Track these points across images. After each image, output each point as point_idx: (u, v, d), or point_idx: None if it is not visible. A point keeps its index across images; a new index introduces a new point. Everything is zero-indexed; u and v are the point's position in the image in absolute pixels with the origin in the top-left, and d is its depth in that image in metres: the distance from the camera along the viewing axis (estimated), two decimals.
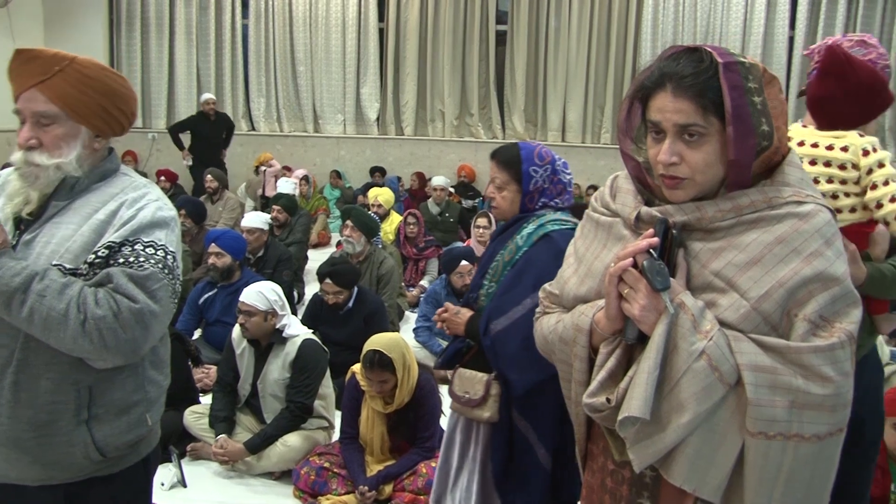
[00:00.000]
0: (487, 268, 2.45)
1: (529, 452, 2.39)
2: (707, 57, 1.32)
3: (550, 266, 2.16)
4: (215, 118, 9.13)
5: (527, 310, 2.25)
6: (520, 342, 2.25)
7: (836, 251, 1.34)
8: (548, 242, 2.35)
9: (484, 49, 10.42)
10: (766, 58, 9.64)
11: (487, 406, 2.37)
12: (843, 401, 1.30)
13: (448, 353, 2.54)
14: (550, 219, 2.41)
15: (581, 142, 10.35)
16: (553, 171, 2.47)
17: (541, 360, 2.21)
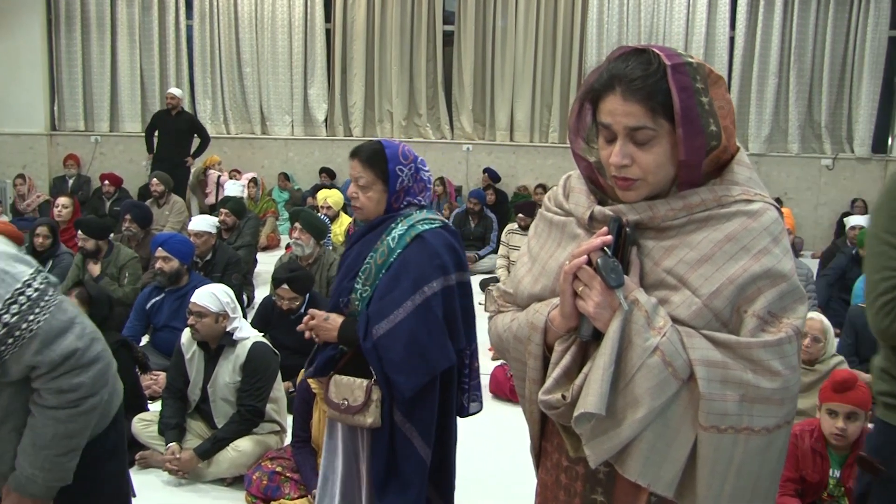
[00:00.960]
0: (356, 270, 2.42)
1: (412, 456, 2.39)
2: (655, 59, 1.34)
3: (426, 266, 2.27)
4: (177, 115, 8.94)
5: (408, 312, 2.27)
6: (404, 345, 2.26)
7: (783, 248, 1.37)
8: (421, 243, 2.35)
9: (431, 49, 10.43)
10: (708, 58, 9.82)
11: (370, 412, 2.34)
12: (790, 394, 1.34)
13: (320, 360, 2.48)
14: (419, 219, 2.41)
15: (529, 141, 10.43)
16: (416, 170, 2.47)
17: (425, 361, 2.28)
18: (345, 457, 2.53)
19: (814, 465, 3.09)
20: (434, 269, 2.34)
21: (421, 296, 2.30)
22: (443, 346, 2.35)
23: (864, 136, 9.81)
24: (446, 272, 2.37)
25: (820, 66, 9.83)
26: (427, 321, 2.31)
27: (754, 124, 10.00)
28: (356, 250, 2.47)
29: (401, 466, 2.41)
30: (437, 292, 2.33)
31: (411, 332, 2.28)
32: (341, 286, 2.48)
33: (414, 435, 2.39)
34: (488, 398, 4.70)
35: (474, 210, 8.45)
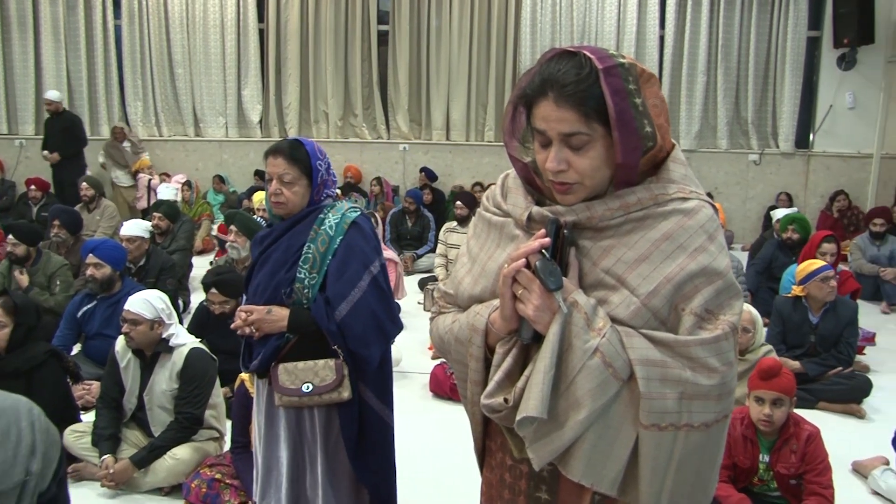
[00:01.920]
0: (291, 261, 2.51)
1: (376, 418, 2.62)
2: (587, 62, 1.32)
3: (366, 248, 2.51)
4: (58, 117, 8.86)
5: (363, 291, 2.47)
6: (365, 320, 2.47)
7: (718, 246, 1.38)
8: (358, 228, 2.55)
9: (366, 49, 10.39)
10: (639, 56, 9.99)
11: (344, 386, 2.49)
12: (728, 389, 1.35)
13: (265, 353, 2.55)
14: (346, 207, 2.60)
15: (465, 140, 10.47)
16: (328, 165, 2.65)
17: (383, 332, 2.52)
18: (290, 443, 2.61)
19: (745, 452, 3.20)
20: (373, 250, 2.56)
21: (369, 275, 2.50)
22: (393, 316, 2.58)
23: (788, 132, 10.12)
24: (379, 253, 2.60)
25: (745, 65, 10.10)
26: (378, 296, 2.51)
27: (685, 121, 10.22)
28: (284, 243, 2.56)
29: (369, 432, 2.60)
30: (380, 270, 2.55)
31: (369, 308, 2.48)
32: (277, 278, 2.54)
33: (375, 401, 2.61)
34: (428, 397, 4.73)
35: (410, 209, 8.46)
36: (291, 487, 2.61)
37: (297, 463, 2.61)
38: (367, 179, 10.25)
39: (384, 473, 2.71)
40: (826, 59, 10.04)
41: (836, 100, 10.03)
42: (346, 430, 2.55)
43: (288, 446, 2.60)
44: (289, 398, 2.50)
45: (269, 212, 2.63)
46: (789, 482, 3.14)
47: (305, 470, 2.62)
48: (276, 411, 2.61)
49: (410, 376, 5.05)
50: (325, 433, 2.59)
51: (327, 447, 2.59)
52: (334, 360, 2.49)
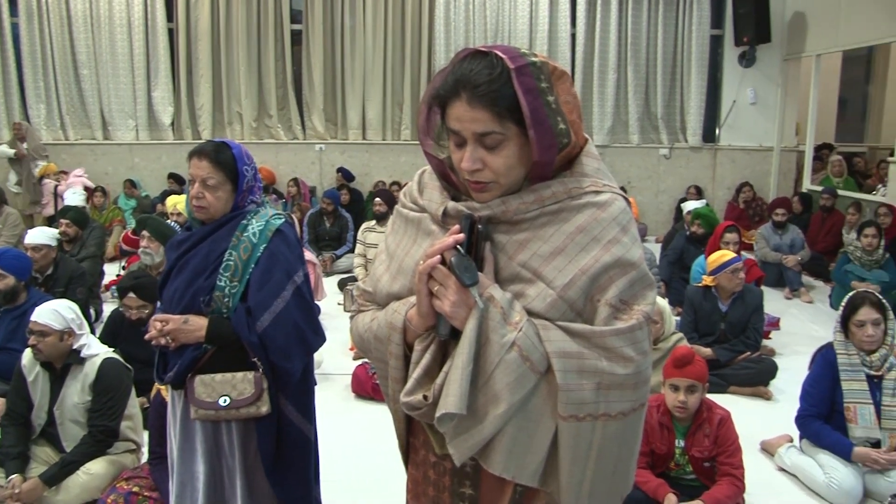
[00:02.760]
0: (210, 268, 2.42)
1: (295, 432, 2.55)
2: (499, 63, 1.32)
3: (290, 256, 2.44)
4: None
5: (286, 302, 2.39)
6: (287, 332, 2.39)
7: (631, 237, 1.40)
8: (281, 236, 2.47)
9: (280, 49, 10.25)
10: (551, 54, 10.17)
11: (263, 400, 2.40)
12: (643, 378, 1.38)
13: (182, 365, 2.44)
14: (271, 214, 2.51)
15: (382, 139, 10.44)
16: (255, 170, 2.56)
17: (305, 343, 2.45)
18: (206, 457, 2.51)
19: (661, 438, 3.29)
20: (296, 258, 2.49)
21: (293, 285, 2.43)
22: (317, 327, 2.52)
23: (696, 126, 10.45)
24: (303, 261, 2.53)
25: (654, 63, 10.39)
26: (302, 307, 2.44)
27: (598, 117, 10.43)
28: (204, 249, 2.44)
29: (288, 447, 2.53)
30: (304, 280, 2.48)
31: (292, 319, 2.40)
32: (195, 285, 2.42)
33: (295, 415, 2.54)
34: (350, 398, 4.71)
35: (328, 210, 8.39)
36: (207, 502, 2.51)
37: (214, 478, 2.51)
38: (283, 181, 10.12)
39: (304, 490, 2.61)
40: (728, 57, 10.41)
41: (738, 96, 10.42)
42: (264, 445, 2.46)
43: (205, 461, 2.50)
44: (205, 412, 2.40)
45: (190, 215, 2.52)
46: (703, 465, 3.25)
47: (224, 485, 2.53)
48: (192, 424, 2.49)
49: (332, 378, 5.02)
50: (243, 448, 2.50)
51: (246, 462, 2.50)
52: (253, 373, 2.38)
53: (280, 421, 2.49)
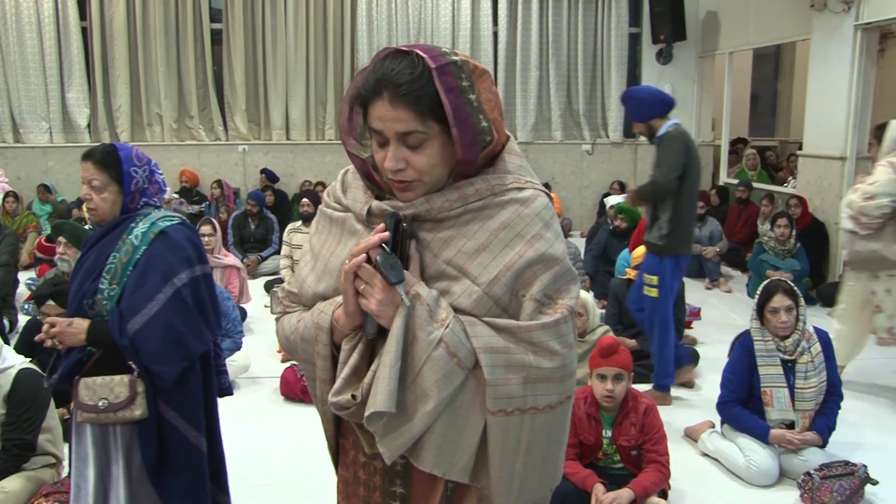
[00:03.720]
0: (98, 271, 2.44)
1: (181, 439, 2.51)
2: (420, 62, 1.32)
3: (171, 259, 2.41)
4: None
5: (161, 304, 2.37)
6: (160, 336, 2.36)
7: (554, 233, 1.42)
8: (164, 238, 2.46)
9: (199, 48, 10.03)
10: (474, 52, 10.24)
11: (137, 404, 2.39)
12: (569, 371, 1.40)
13: (65, 366, 2.47)
14: (160, 216, 2.51)
15: (306, 139, 10.34)
16: (150, 172, 2.57)
17: (183, 348, 2.40)
18: (96, 461, 2.51)
19: (589, 429, 3.36)
20: (180, 261, 2.45)
21: (171, 287, 2.40)
22: (198, 332, 2.47)
23: (616, 123, 10.67)
24: (191, 264, 2.49)
25: (575, 60, 10.56)
26: (180, 310, 2.41)
27: (521, 114, 10.56)
28: (95, 252, 2.48)
29: (173, 455, 2.49)
30: (186, 283, 2.44)
31: (166, 322, 2.37)
32: (83, 288, 2.45)
33: (179, 421, 2.49)
34: (279, 401, 4.66)
35: (253, 212, 8.28)
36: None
37: (102, 483, 2.51)
38: (206, 182, 9.93)
39: (194, 500, 2.57)
40: (646, 54, 10.66)
41: None
42: (145, 451, 2.45)
43: (94, 465, 2.50)
44: (87, 414, 2.40)
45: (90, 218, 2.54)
46: (630, 453, 3.33)
47: (109, 491, 2.51)
48: (82, 428, 2.50)
49: (260, 381, 4.96)
50: (127, 453, 2.49)
51: (130, 468, 2.50)
52: (129, 376, 2.40)
53: (163, 427, 2.47)
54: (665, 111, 4.72)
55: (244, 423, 4.36)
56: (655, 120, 4.68)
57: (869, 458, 3.64)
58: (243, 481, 3.56)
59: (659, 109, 4.71)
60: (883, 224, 4.46)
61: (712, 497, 3.52)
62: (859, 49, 7.22)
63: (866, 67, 7.27)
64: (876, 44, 7.55)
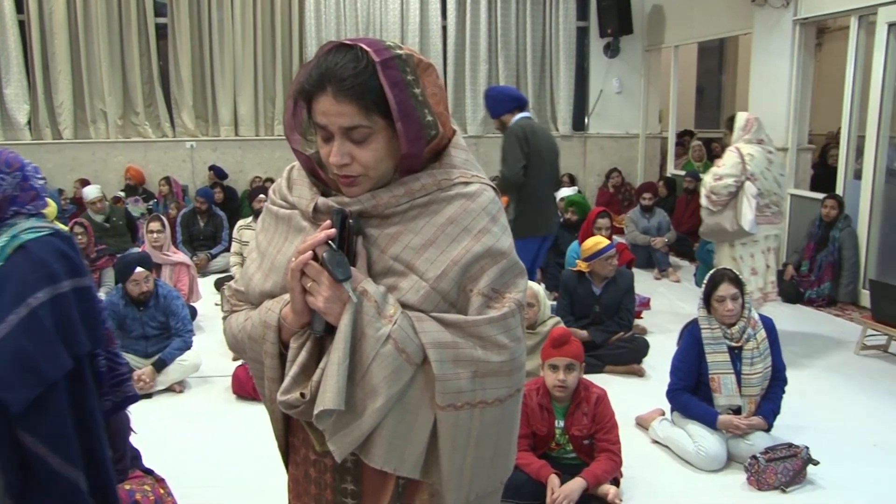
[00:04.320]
0: None
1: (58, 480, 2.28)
2: (364, 56, 1.31)
3: (29, 277, 2.17)
4: None
5: (12, 327, 2.15)
6: (10, 360, 2.15)
7: (501, 226, 1.42)
8: (24, 253, 2.23)
9: (144, 43, 9.83)
10: (423, 47, 10.22)
11: None
12: (518, 364, 1.40)
13: None
14: (24, 227, 2.28)
15: (255, 135, 10.21)
16: (24, 178, 2.34)
17: (35, 373, 2.17)
18: None
19: (542, 420, 3.40)
20: (39, 278, 2.22)
21: (25, 308, 2.17)
22: (54, 355, 2.23)
23: (566, 116, 10.77)
24: (55, 280, 2.25)
25: (524, 54, 10.61)
26: (33, 333, 2.18)
27: (470, 108, 10.58)
28: None
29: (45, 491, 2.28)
30: (45, 302, 2.21)
31: (17, 346, 2.15)
32: None
33: (40, 448, 2.25)
34: (231, 399, 4.62)
35: (202, 209, 8.17)
36: None
37: None
38: (153, 180, 9.75)
39: None
40: (594, 48, 10.78)
41: (605, 85, 10.80)
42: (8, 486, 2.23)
43: None
44: None
45: None
46: (583, 443, 3.38)
47: None
48: None
49: (212, 380, 4.90)
50: None
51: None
52: None
53: (25, 454, 2.24)
54: (514, 107, 5.19)
55: (195, 422, 4.32)
56: (506, 115, 5.18)
57: (811, 439, 3.74)
58: (194, 482, 3.53)
59: (508, 105, 5.19)
60: (728, 201, 5.11)
61: (663, 483, 3.59)
62: (798, 43, 7.42)
63: (805, 61, 7.46)
64: (813, 38, 7.75)
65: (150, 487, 3.15)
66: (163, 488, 3.23)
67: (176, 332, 4.86)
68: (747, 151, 5.14)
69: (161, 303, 4.85)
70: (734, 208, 5.13)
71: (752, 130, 5.29)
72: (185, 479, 3.46)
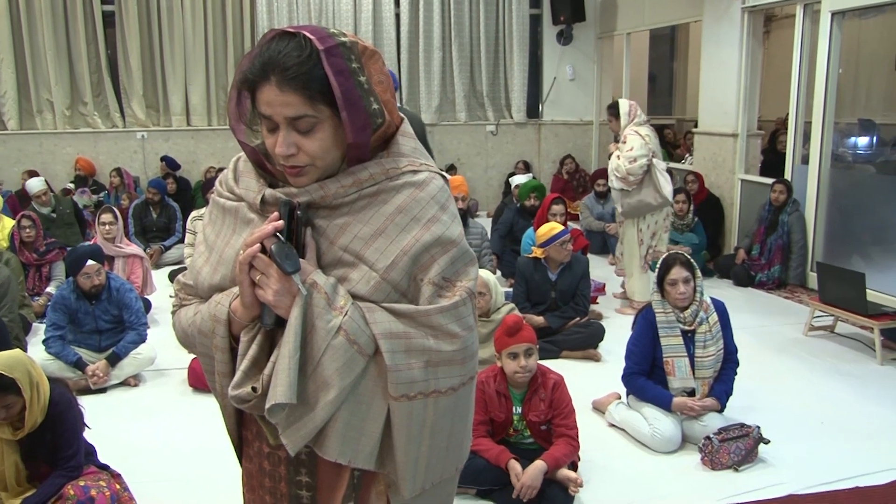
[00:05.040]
0: None
1: None
2: (307, 44, 1.29)
3: None
4: None
5: None
6: None
7: (450, 215, 1.41)
8: None
9: (91, 31, 9.60)
10: (376, 34, 10.16)
11: None
12: (470, 352, 1.40)
13: None
14: None
15: (207, 124, 10.06)
16: None
17: None
18: None
19: (500, 406, 3.42)
20: None
21: None
22: None
23: (520, 103, 10.80)
24: None
25: (477, 41, 10.61)
26: None
27: (425, 96, 10.55)
28: None
29: None
30: None
31: None
32: None
33: None
34: (188, 392, 4.57)
35: (154, 200, 8.04)
36: None
37: None
38: (104, 171, 9.56)
39: None
40: (547, 35, 10.82)
41: (558, 72, 10.86)
42: None
43: None
44: None
45: None
46: (540, 428, 3.41)
47: None
48: None
49: (168, 373, 4.85)
50: None
51: None
52: None
53: None
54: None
55: (152, 416, 4.27)
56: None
57: (762, 419, 3.84)
58: (151, 476, 3.49)
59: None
60: (642, 179, 5.74)
61: (620, 465, 3.65)
62: (746, 31, 7.54)
63: (753, 49, 7.59)
64: (761, 26, 7.89)
65: (106, 483, 3.11)
66: (119, 483, 3.19)
67: (130, 326, 4.79)
68: (644, 133, 5.80)
69: (114, 296, 4.77)
70: (651, 184, 5.76)
71: (637, 115, 5.93)
72: (141, 475, 3.42)
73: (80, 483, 3.02)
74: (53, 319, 4.68)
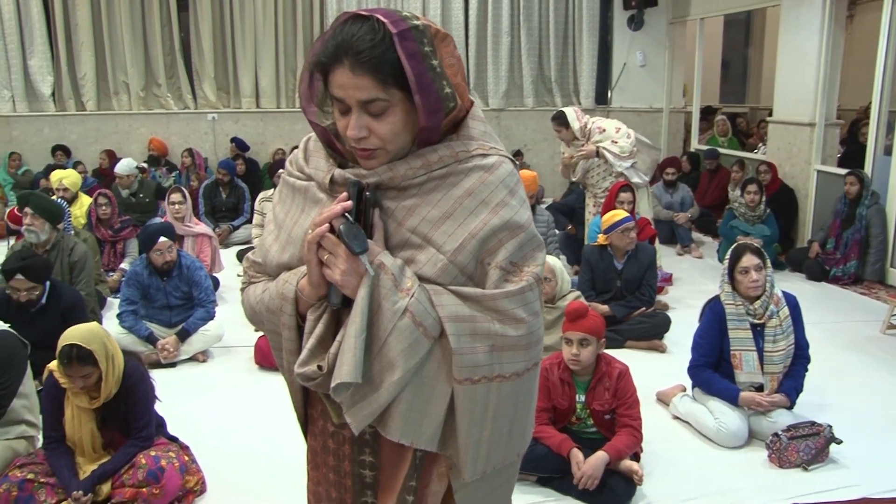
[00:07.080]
0: None
1: None
2: (380, 27, 1.28)
3: None
4: None
5: None
6: None
7: (519, 199, 1.40)
8: None
9: (165, 14, 9.82)
10: (445, 18, 10.14)
11: None
12: (535, 338, 1.39)
13: None
14: None
15: (276, 107, 10.21)
16: None
17: None
18: None
19: (563, 394, 3.39)
20: None
21: None
22: None
23: (589, 89, 10.65)
24: None
25: (546, 26, 10.49)
26: None
27: (492, 81, 10.49)
28: None
29: None
30: None
31: None
32: None
33: None
34: (254, 369, 4.66)
35: (224, 181, 8.21)
36: None
37: None
38: (175, 151, 9.79)
39: None
40: (618, 20, 10.62)
41: (628, 58, 10.66)
42: None
43: None
44: None
45: None
46: (604, 417, 3.37)
47: None
48: None
49: (234, 350, 4.95)
50: None
51: None
52: None
53: None
54: None
55: (218, 392, 4.36)
56: None
57: (834, 418, 3.71)
58: (217, 450, 3.57)
59: None
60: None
61: (684, 459, 3.58)
62: (828, 16, 7.26)
63: (835, 34, 7.31)
64: (845, 10, 7.59)
65: (175, 454, 3.20)
66: (187, 455, 3.28)
67: (199, 303, 4.90)
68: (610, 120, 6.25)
69: (184, 273, 4.89)
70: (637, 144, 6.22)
71: (584, 117, 6.25)
72: (208, 448, 3.50)
73: (152, 453, 3.11)
74: (127, 294, 4.81)
